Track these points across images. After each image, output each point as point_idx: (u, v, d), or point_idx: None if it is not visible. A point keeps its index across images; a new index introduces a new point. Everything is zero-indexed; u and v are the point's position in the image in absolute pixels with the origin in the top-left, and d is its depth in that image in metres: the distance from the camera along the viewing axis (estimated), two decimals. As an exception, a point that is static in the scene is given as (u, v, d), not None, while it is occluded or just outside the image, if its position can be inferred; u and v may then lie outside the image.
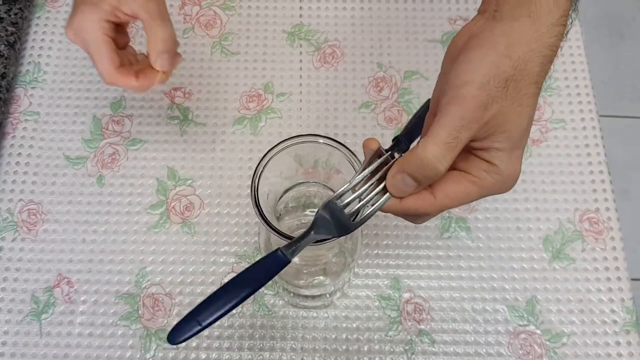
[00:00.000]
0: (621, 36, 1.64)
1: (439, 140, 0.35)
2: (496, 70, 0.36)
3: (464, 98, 0.35)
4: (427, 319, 0.59)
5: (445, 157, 0.36)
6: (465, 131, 0.35)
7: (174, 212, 0.63)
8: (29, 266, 0.61)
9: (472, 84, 0.36)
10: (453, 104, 0.36)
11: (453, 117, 0.35)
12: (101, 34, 0.49)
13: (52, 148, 0.66)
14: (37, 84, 0.69)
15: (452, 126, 0.35)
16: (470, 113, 0.35)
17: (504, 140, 0.37)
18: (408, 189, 0.37)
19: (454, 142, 0.35)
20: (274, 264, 0.38)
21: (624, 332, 0.58)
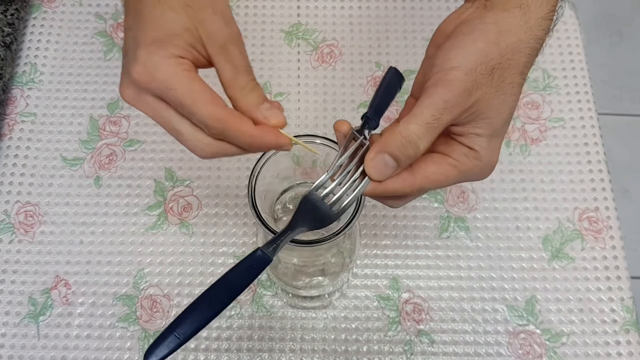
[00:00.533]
0: (620, 36, 1.64)
1: (421, 120, 0.35)
2: (484, 57, 0.36)
3: (450, 82, 0.36)
4: (426, 319, 0.59)
5: (426, 137, 0.36)
6: (448, 114, 0.36)
7: (171, 212, 0.63)
8: (26, 268, 0.61)
9: (459, 69, 0.36)
10: (439, 87, 0.36)
11: (437, 100, 0.36)
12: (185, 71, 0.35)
13: (49, 149, 0.66)
14: (33, 84, 0.69)
15: (435, 108, 0.35)
16: (454, 97, 0.36)
17: (485, 127, 0.37)
18: (388, 170, 0.37)
19: (436, 123, 0.36)
20: (255, 265, 0.36)
21: (624, 331, 0.58)
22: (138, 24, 0.35)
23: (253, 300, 0.60)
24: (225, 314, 0.59)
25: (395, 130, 0.36)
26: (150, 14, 0.35)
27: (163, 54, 0.34)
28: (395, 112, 0.67)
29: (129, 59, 0.35)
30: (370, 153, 0.37)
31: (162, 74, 0.34)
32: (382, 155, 0.36)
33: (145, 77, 0.34)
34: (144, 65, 0.34)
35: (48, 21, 0.72)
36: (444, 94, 0.36)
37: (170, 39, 0.34)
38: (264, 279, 0.60)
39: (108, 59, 0.70)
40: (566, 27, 0.72)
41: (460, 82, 0.36)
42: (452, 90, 0.36)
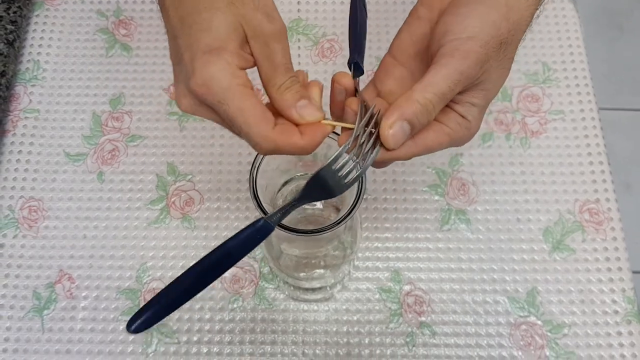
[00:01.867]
0: (620, 30, 1.64)
1: (437, 90, 0.36)
2: (496, 30, 0.37)
3: (467, 53, 0.36)
4: (427, 311, 0.59)
5: (440, 106, 0.37)
6: (460, 85, 0.36)
7: (174, 207, 0.63)
8: (31, 263, 0.61)
9: (476, 40, 0.36)
10: (455, 57, 0.36)
11: (453, 70, 0.36)
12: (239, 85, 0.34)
13: (52, 145, 0.66)
14: (36, 81, 0.69)
15: (451, 79, 0.36)
16: (469, 69, 0.36)
17: (481, 98, 0.38)
18: (404, 137, 0.37)
19: (449, 93, 0.36)
20: (258, 235, 0.37)
21: (625, 322, 0.58)
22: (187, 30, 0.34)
23: (255, 293, 0.60)
24: (227, 307, 0.59)
25: (412, 98, 0.36)
26: (200, 20, 0.34)
27: (219, 65, 0.33)
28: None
29: (185, 69, 0.34)
30: (387, 119, 0.36)
31: (217, 87, 0.33)
32: (400, 122, 0.36)
33: (202, 89, 0.33)
34: (201, 77, 0.33)
35: (50, 18, 0.73)
36: (460, 64, 0.36)
37: (224, 45, 0.34)
38: (266, 272, 0.61)
39: (110, 56, 0.71)
40: (566, 21, 0.72)
41: (475, 54, 0.36)
42: (468, 62, 0.36)
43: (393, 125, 0.36)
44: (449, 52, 0.36)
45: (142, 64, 0.70)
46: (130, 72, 0.70)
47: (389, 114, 0.36)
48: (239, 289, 0.60)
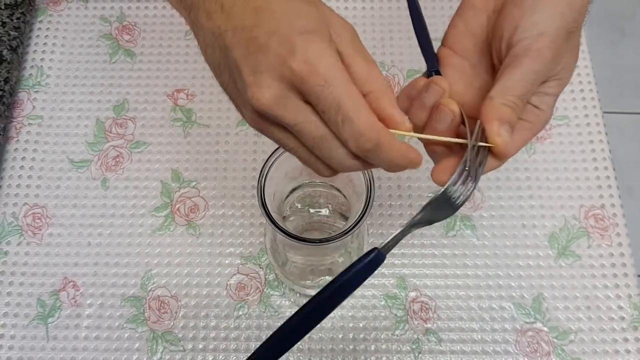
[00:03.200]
0: (622, 33, 1.64)
1: (516, 93, 0.35)
2: (564, 22, 0.36)
3: (540, 52, 0.35)
4: (433, 318, 0.59)
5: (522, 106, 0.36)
6: (537, 83, 0.36)
7: (178, 214, 0.63)
8: (35, 270, 0.61)
9: (546, 36, 0.36)
10: (528, 58, 0.35)
11: (529, 71, 0.35)
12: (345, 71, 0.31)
13: (56, 152, 0.66)
14: (40, 87, 0.69)
15: (528, 80, 0.36)
16: (545, 68, 0.36)
17: (556, 87, 0.38)
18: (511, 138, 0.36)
19: (528, 94, 0.36)
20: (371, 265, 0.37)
21: (632, 328, 0.58)
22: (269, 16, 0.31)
23: (261, 301, 0.60)
24: (233, 314, 0.59)
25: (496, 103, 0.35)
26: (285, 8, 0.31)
27: (322, 44, 0.30)
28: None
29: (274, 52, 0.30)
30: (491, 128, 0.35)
31: (324, 65, 0.29)
32: (504, 127, 0.35)
33: (306, 68, 0.29)
34: (304, 55, 0.29)
35: (54, 24, 0.72)
36: (535, 64, 0.35)
37: (320, 27, 0.31)
38: (272, 279, 0.60)
39: (113, 62, 0.71)
40: None
41: (549, 51, 0.36)
42: (542, 61, 0.36)
43: (500, 132, 0.35)
44: (521, 52, 0.36)
45: (146, 70, 0.70)
46: (134, 78, 0.70)
47: (488, 123, 0.35)
48: (244, 296, 0.60)
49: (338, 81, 0.30)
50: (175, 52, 0.71)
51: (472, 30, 0.40)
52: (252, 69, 0.31)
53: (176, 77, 0.70)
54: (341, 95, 0.30)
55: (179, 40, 0.72)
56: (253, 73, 0.31)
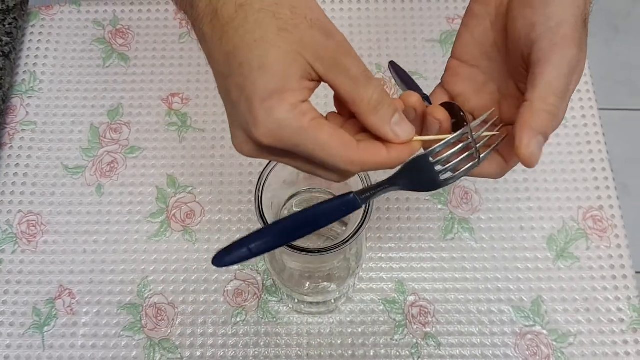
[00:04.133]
0: (616, 30, 1.64)
1: (556, 90, 0.34)
2: (579, 9, 0.35)
3: (566, 41, 0.34)
4: (432, 322, 0.59)
5: (564, 107, 0.35)
6: (574, 75, 0.35)
7: (174, 220, 0.63)
8: (30, 278, 0.60)
9: (566, 24, 0.35)
10: (557, 51, 0.34)
11: (563, 65, 0.34)
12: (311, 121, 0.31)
13: (50, 158, 0.65)
14: (33, 93, 0.68)
15: (564, 74, 0.34)
16: (574, 59, 0.35)
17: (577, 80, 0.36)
18: (541, 151, 0.34)
19: (567, 89, 0.35)
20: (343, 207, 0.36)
21: (631, 330, 0.58)
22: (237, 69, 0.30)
23: (259, 307, 0.59)
24: (230, 321, 0.59)
25: (535, 109, 0.34)
26: (251, 57, 0.30)
27: (283, 109, 0.30)
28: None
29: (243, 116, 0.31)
30: (522, 140, 0.34)
31: (288, 133, 0.30)
32: (536, 139, 0.34)
33: (270, 139, 0.30)
34: (266, 126, 0.30)
35: (46, 29, 0.72)
36: (565, 56, 0.34)
37: (284, 84, 0.30)
38: (269, 285, 0.60)
39: (107, 66, 0.70)
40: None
41: (573, 40, 0.35)
42: (569, 52, 0.34)
43: (530, 145, 0.34)
44: (547, 47, 0.35)
45: (140, 74, 0.69)
46: (128, 83, 0.69)
47: (521, 132, 0.34)
48: (242, 303, 0.59)
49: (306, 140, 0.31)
50: (170, 55, 0.70)
51: (478, 38, 0.40)
52: (232, 120, 0.32)
53: (171, 81, 0.69)
54: (313, 151, 0.31)
55: (173, 43, 0.71)
56: (233, 125, 0.32)
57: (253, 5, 0.30)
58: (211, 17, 0.30)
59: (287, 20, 0.30)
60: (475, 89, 0.40)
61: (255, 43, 0.29)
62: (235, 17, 0.30)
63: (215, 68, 0.32)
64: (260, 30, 0.30)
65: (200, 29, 0.32)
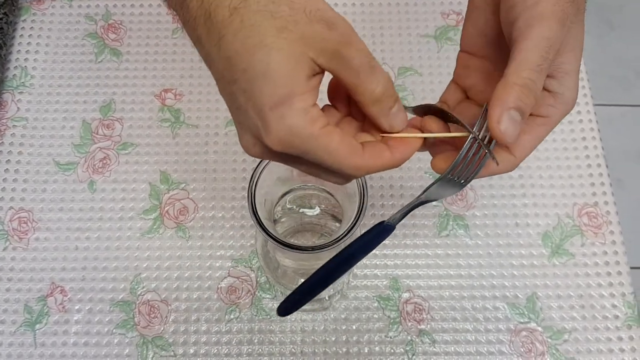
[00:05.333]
0: (610, 26, 1.64)
1: (531, 64, 0.33)
2: None
3: (542, 16, 0.33)
4: (427, 319, 0.59)
5: (540, 80, 0.33)
6: (552, 51, 0.33)
7: (167, 216, 0.62)
8: (21, 275, 0.60)
9: (544, 1, 0.34)
10: (535, 26, 0.33)
11: (539, 39, 0.33)
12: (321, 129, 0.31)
13: (42, 154, 0.65)
14: (24, 88, 0.68)
15: (541, 47, 0.33)
16: (553, 32, 0.33)
17: (573, 61, 0.35)
18: (517, 127, 0.33)
19: (545, 64, 0.33)
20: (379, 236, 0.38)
21: (626, 327, 0.58)
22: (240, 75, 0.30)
23: (252, 304, 0.59)
24: (224, 318, 0.58)
25: (509, 83, 0.33)
26: (254, 63, 0.29)
27: (294, 115, 0.30)
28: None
29: (252, 121, 0.31)
30: (492, 115, 0.33)
31: (299, 140, 0.30)
32: (507, 113, 0.33)
33: (281, 146, 0.30)
34: (278, 134, 0.30)
35: (37, 23, 0.71)
36: (542, 31, 0.33)
37: (292, 89, 0.30)
38: (263, 282, 0.60)
39: (99, 61, 0.69)
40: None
41: (551, 14, 0.33)
42: (549, 25, 0.33)
43: (501, 119, 0.33)
44: (525, 23, 0.34)
45: (133, 70, 0.69)
46: (120, 78, 0.68)
47: (492, 108, 0.33)
48: (235, 300, 0.59)
49: (317, 148, 0.31)
50: (163, 51, 0.70)
51: (481, 29, 0.39)
52: (239, 122, 0.31)
53: (164, 77, 0.68)
54: (321, 158, 0.31)
55: (166, 39, 0.70)
56: (240, 127, 0.32)
57: (249, 8, 0.29)
58: (204, 19, 0.30)
59: (286, 18, 0.30)
60: (485, 80, 0.40)
61: (256, 48, 0.29)
62: (231, 21, 0.29)
63: (215, 71, 0.31)
64: (260, 34, 0.29)
65: (194, 29, 0.31)
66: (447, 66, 0.69)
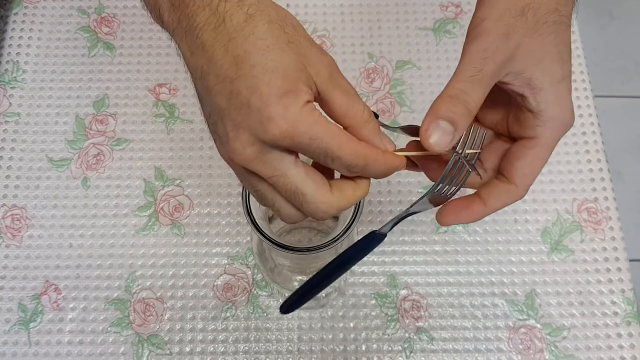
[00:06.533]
0: (611, 16, 1.63)
1: (463, 76, 0.34)
2: (511, 2, 0.35)
3: (482, 32, 0.35)
4: (425, 316, 0.58)
5: (474, 90, 0.34)
6: (490, 62, 0.34)
7: (162, 213, 0.61)
8: (15, 273, 0.59)
9: (489, 18, 0.35)
10: (474, 41, 0.35)
11: (475, 52, 0.35)
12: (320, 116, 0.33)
13: (35, 150, 0.64)
14: (16, 83, 0.67)
15: (475, 59, 0.34)
16: (491, 44, 0.34)
17: (541, 75, 0.36)
18: (447, 136, 0.34)
19: (479, 74, 0.34)
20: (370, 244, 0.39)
21: (625, 323, 0.58)
22: (248, 71, 0.31)
23: (248, 301, 0.58)
24: (220, 316, 0.58)
25: (441, 95, 0.35)
26: (264, 60, 0.31)
27: (299, 105, 0.31)
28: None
29: (255, 115, 0.31)
30: (423, 125, 0.34)
31: (304, 125, 0.31)
32: (436, 123, 0.34)
33: (288, 133, 0.31)
34: (285, 120, 0.31)
35: (29, 17, 0.70)
36: (480, 44, 0.35)
37: (297, 86, 0.31)
38: (259, 279, 0.59)
39: (92, 55, 0.68)
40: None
41: (492, 29, 0.35)
42: (487, 38, 0.35)
43: (429, 129, 0.34)
44: (467, 40, 0.36)
45: (127, 64, 0.68)
46: (114, 73, 0.67)
47: (424, 119, 0.34)
48: (231, 297, 0.58)
49: (321, 132, 0.32)
50: (157, 45, 0.69)
51: None
52: (234, 124, 0.31)
53: (158, 71, 0.67)
54: (326, 143, 0.32)
55: (160, 32, 0.69)
56: (235, 128, 0.31)
57: (263, 17, 0.31)
58: (215, 25, 0.31)
59: (293, 35, 0.32)
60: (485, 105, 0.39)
61: (268, 49, 0.31)
62: (245, 26, 0.31)
63: (215, 74, 0.32)
64: (272, 39, 0.31)
65: (196, 37, 0.32)
66: (445, 59, 0.68)
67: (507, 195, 0.38)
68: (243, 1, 0.31)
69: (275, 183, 0.33)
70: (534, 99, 0.36)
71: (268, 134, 0.31)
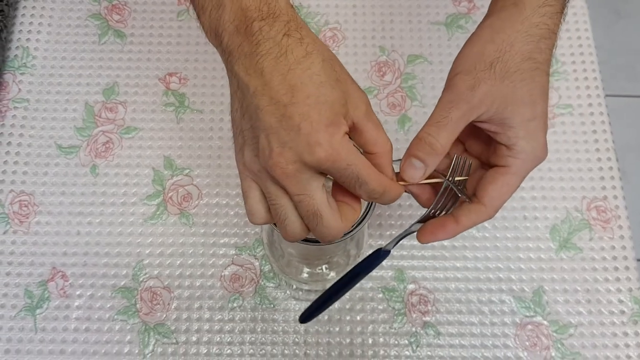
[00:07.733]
0: (618, 15, 1.62)
1: (432, 121, 0.40)
2: (480, 56, 0.40)
3: (452, 85, 0.40)
4: (432, 311, 0.58)
5: (439, 134, 0.39)
6: (455, 111, 0.39)
7: (171, 202, 0.61)
8: (22, 260, 0.59)
9: (460, 72, 0.40)
10: (444, 93, 0.40)
11: (443, 102, 0.40)
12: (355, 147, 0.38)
13: (43, 137, 0.64)
14: (26, 69, 0.66)
15: (443, 108, 0.40)
16: (456, 95, 0.39)
17: (513, 116, 0.40)
18: (417, 172, 0.40)
19: (445, 120, 0.39)
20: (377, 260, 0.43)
21: (632, 322, 0.58)
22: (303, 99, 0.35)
23: (256, 292, 0.58)
24: (227, 306, 0.58)
25: (415, 137, 0.40)
26: (317, 93, 0.35)
27: (340, 134, 0.36)
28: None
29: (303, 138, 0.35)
30: (402, 161, 0.41)
31: (345, 152, 0.36)
32: (409, 160, 0.40)
33: (332, 157, 0.35)
34: (331, 146, 0.35)
35: (40, 3, 0.69)
36: (448, 95, 0.40)
37: (340, 119, 0.36)
38: (267, 270, 0.59)
39: (103, 43, 0.68)
40: (574, 11, 0.70)
41: (460, 82, 0.40)
42: (454, 90, 0.40)
43: (404, 165, 0.41)
44: (443, 90, 0.41)
45: (137, 52, 0.68)
46: (124, 61, 0.67)
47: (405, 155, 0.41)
48: (239, 288, 0.58)
49: (357, 161, 0.36)
50: (167, 33, 0.68)
51: None
52: (281, 142, 0.35)
53: (168, 60, 0.67)
54: (359, 170, 0.37)
55: (172, 21, 0.69)
56: (281, 145, 0.35)
57: (319, 55, 0.36)
58: (277, 55, 0.35)
59: (340, 73, 0.37)
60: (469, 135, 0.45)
61: (322, 84, 0.36)
62: (303, 61, 0.35)
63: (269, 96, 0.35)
64: (325, 75, 0.36)
65: (257, 62, 0.36)
66: (457, 54, 0.68)
67: (477, 215, 0.41)
68: (303, 39, 0.36)
69: (300, 201, 0.36)
70: (505, 135, 0.40)
71: (314, 156, 0.35)
